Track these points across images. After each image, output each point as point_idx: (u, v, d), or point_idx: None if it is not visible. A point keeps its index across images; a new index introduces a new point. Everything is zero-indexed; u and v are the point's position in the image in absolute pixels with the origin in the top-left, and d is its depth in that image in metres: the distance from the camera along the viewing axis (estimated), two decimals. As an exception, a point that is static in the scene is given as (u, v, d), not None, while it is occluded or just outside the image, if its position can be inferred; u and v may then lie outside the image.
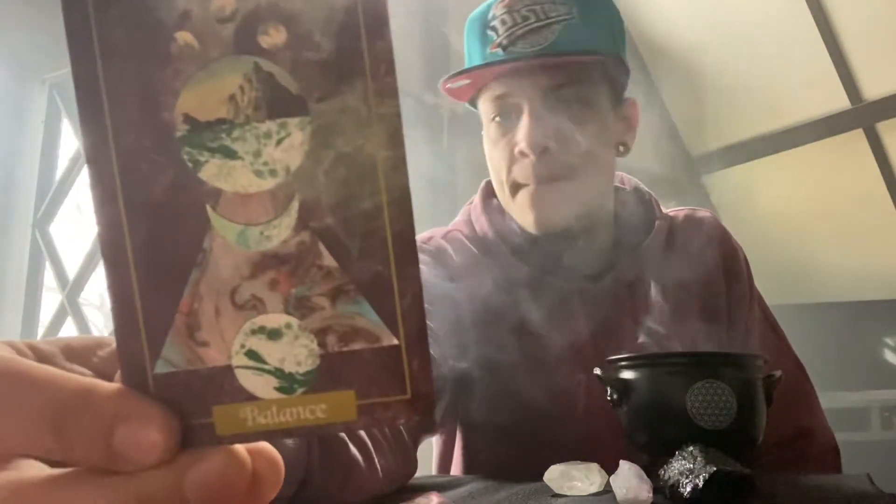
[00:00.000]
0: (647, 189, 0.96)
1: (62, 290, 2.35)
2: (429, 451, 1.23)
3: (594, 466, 0.57)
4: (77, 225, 2.65)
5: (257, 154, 0.18)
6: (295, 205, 0.18)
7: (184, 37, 0.18)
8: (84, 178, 2.43)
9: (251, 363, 0.18)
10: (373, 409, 0.19)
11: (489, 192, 0.94)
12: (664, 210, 0.95)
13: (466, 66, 0.87)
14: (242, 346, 0.18)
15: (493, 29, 0.81)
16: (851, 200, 4.63)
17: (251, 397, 0.18)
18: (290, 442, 0.44)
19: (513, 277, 0.85)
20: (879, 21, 4.12)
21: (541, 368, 0.81)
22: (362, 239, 0.18)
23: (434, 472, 0.97)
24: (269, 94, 0.18)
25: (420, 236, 0.91)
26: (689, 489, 0.49)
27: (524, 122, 0.79)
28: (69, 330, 2.36)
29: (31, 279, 2.34)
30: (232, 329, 0.18)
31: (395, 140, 0.20)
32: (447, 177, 3.51)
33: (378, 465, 0.56)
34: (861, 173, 4.55)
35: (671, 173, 5.07)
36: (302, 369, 0.18)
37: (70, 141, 2.45)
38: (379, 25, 0.18)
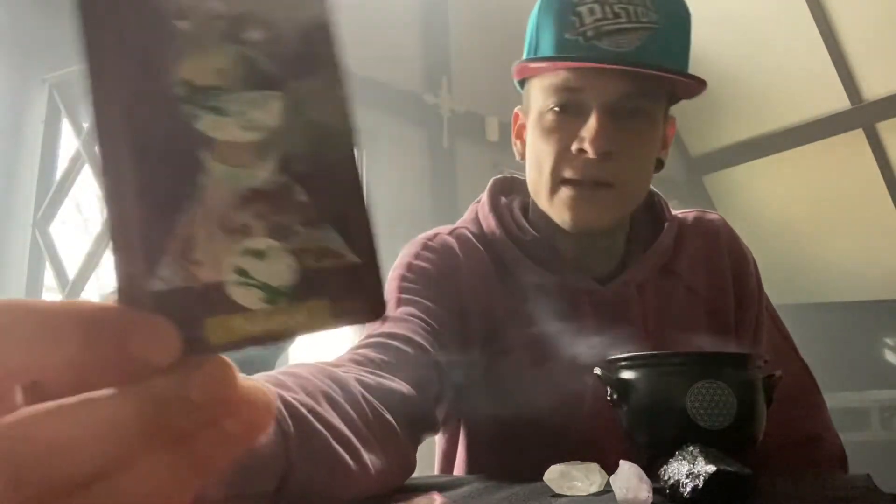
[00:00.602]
0: (656, 191, 0.96)
1: (62, 290, 2.35)
2: (430, 451, 1.23)
3: (594, 466, 0.57)
4: (77, 225, 2.65)
5: (243, 114, 0.22)
6: (275, 154, 0.23)
7: (182, 24, 0.22)
8: (84, 178, 2.43)
9: (241, 279, 0.22)
10: (341, 313, 0.23)
11: (498, 191, 0.93)
12: (673, 212, 0.95)
13: (529, 39, 0.84)
14: (233, 264, 0.22)
15: (578, 15, 0.77)
16: (851, 200, 4.64)
17: (241, 309, 0.22)
18: (264, 436, 0.42)
19: (521, 276, 0.84)
20: (879, 21, 4.13)
21: (547, 369, 0.80)
22: (327, 181, 0.23)
23: (436, 472, 0.97)
24: (252, 72, 0.22)
25: (425, 234, 0.90)
26: (689, 489, 0.49)
27: (593, 122, 0.77)
28: (69, 330, 2.36)
29: (31, 279, 2.34)
30: (223, 250, 0.22)
31: (346, 115, 0.24)
32: (447, 176, 3.51)
33: (369, 463, 0.55)
34: (861, 173, 4.55)
35: (671, 173, 5.08)
36: (283, 283, 0.22)
37: (70, 141, 2.45)
38: (330, 37, 0.24)
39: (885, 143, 4.49)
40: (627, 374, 0.62)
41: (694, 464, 0.50)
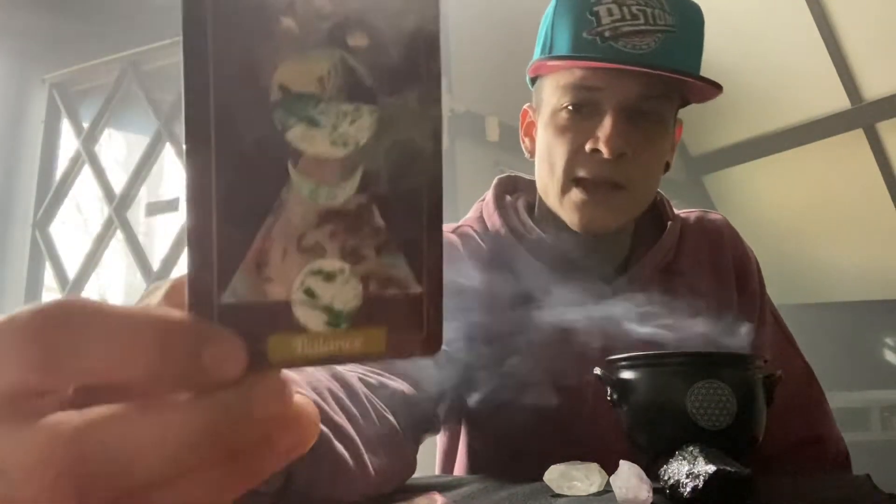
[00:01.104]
0: (661, 193, 0.96)
1: (62, 290, 2.35)
2: (431, 451, 1.23)
3: (594, 466, 0.57)
4: (77, 225, 2.65)
5: (335, 127, 0.22)
6: (359, 173, 0.22)
7: (287, 22, 0.21)
8: (84, 178, 2.43)
9: (308, 299, 0.22)
10: (397, 344, 0.23)
11: (502, 190, 0.93)
12: (676, 212, 0.95)
13: (543, 35, 0.85)
14: (302, 284, 0.22)
15: (596, 15, 0.77)
16: (851, 201, 4.63)
17: (303, 329, 0.22)
18: None
19: (524, 275, 0.84)
20: (879, 21, 4.12)
21: (549, 367, 0.80)
22: (405, 207, 0.23)
23: (437, 471, 0.97)
24: (349, 82, 0.22)
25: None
26: (689, 489, 0.49)
27: (608, 122, 0.77)
28: (69, 330, 2.36)
29: (31, 279, 2.33)
30: (295, 269, 0.21)
31: (437, 136, 0.23)
32: (447, 176, 3.51)
33: (369, 464, 0.55)
34: (861, 173, 4.55)
35: (671, 173, 5.06)
36: (347, 308, 0.22)
37: (70, 141, 2.45)
38: (435, 51, 0.23)
39: (885, 143, 4.48)
40: (627, 374, 0.62)
41: (694, 464, 0.50)
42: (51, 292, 2.42)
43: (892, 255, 4.56)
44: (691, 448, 0.53)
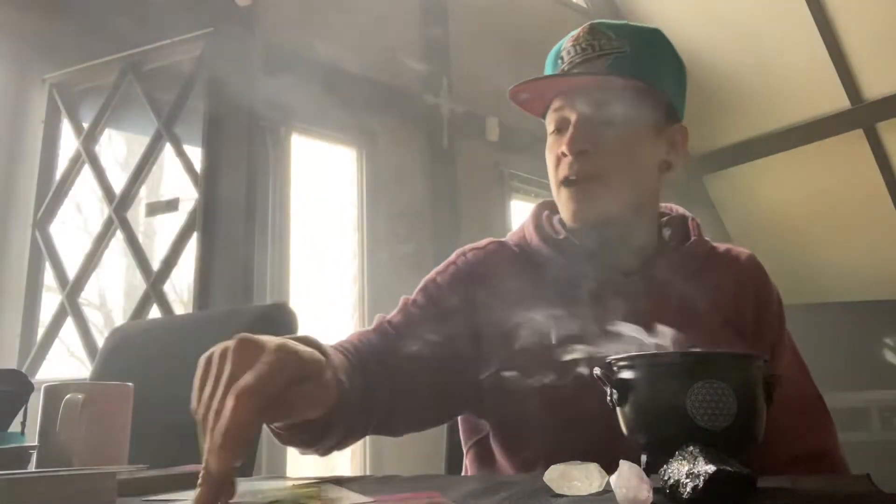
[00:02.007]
0: (690, 215, 1.04)
1: (62, 290, 2.35)
2: (437, 451, 1.23)
3: (594, 466, 0.57)
4: (77, 225, 2.65)
5: None
6: None
7: None
8: (84, 178, 2.43)
9: None
10: None
11: (541, 207, 1.05)
12: (709, 241, 1.02)
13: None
14: None
15: (561, 58, 0.96)
16: (851, 200, 4.64)
17: None
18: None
19: (550, 271, 0.95)
20: (879, 21, 4.12)
21: (565, 354, 0.87)
22: None
23: (443, 471, 0.98)
24: None
25: (478, 242, 1.02)
26: (689, 489, 0.49)
27: (570, 130, 0.93)
28: (69, 330, 2.36)
29: (31, 279, 2.34)
30: None
31: None
32: (447, 176, 3.51)
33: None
34: (861, 173, 4.55)
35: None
36: None
37: (70, 141, 2.45)
38: None
39: (885, 143, 4.49)
40: (627, 374, 0.62)
41: (694, 464, 0.50)
42: (51, 292, 2.42)
43: (892, 255, 4.57)
44: (691, 448, 0.53)
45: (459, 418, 1.00)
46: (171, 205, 2.38)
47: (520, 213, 3.72)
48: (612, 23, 0.97)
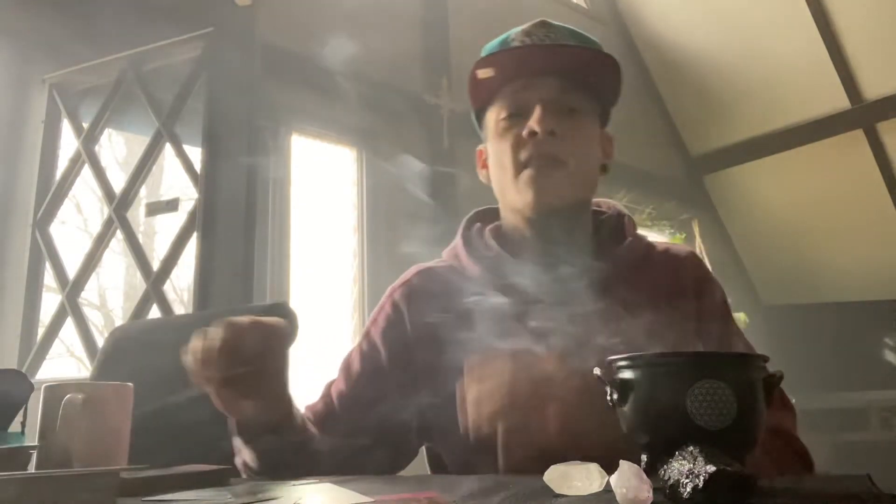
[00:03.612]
0: (626, 213, 1.03)
1: (62, 290, 2.35)
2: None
3: (594, 466, 0.57)
4: (77, 225, 2.65)
5: None
6: None
7: None
8: (84, 178, 2.43)
9: None
10: None
11: (471, 221, 1.04)
12: (645, 238, 1.00)
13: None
14: None
15: (511, 43, 0.96)
16: (851, 200, 4.64)
17: None
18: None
19: (481, 289, 0.93)
20: (879, 21, 4.13)
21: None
22: None
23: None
24: None
25: (405, 275, 1.01)
26: (689, 489, 0.49)
27: (537, 110, 0.91)
28: (69, 330, 2.36)
29: (31, 279, 2.33)
30: None
31: None
32: (447, 176, 3.51)
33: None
34: (861, 173, 4.55)
35: (671, 173, 5.08)
36: None
37: (70, 141, 2.45)
38: None
39: (885, 143, 4.49)
40: (627, 374, 0.62)
41: (694, 464, 0.50)
42: (51, 292, 2.42)
43: (892, 255, 4.57)
44: (691, 448, 0.53)
45: None
46: (171, 205, 2.38)
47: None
48: (564, 25, 0.99)
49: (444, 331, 0.90)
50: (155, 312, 2.25)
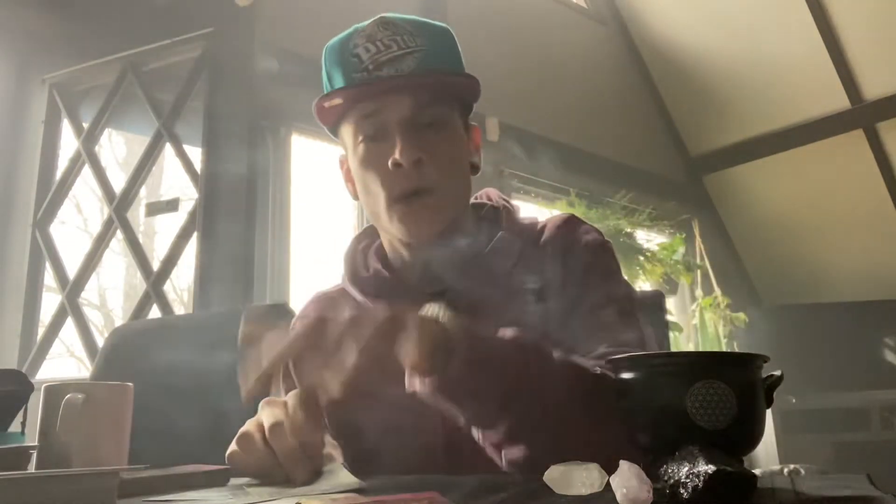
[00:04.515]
0: (504, 202, 0.99)
1: (62, 290, 2.35)
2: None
3: (594, 466, 0.57)
4: (77, 225, 2.65)
5: None
6: None
7: None
8: (84, 178, 2.43)
9: None
10: None
11: (358, 239, 1.00)
12: (525, 221, 0.97)
13: (325, 84, 0.94)
14: None
15: (357, 56, 0.89)
16: (851, 200, 4.64)
17: None
18: None
19: (362, 311, 0.88)
20: (879, 21, 4.13)
21: (381, 391, 0.77)
22: None
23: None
24: None
25: (308, 300, 1.00)
26: (689, 489, 0.49)
27: (398, 138, 0.85)
28: (69, 330, 2.36)
29: (31, 279, 2.34)
30: None
31: None
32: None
33: None
34: (861, 173, 4.55)
35: (671, 173, 5.08)
36: None
37: (70, 141, 2.45)
38: None
39: (885, 143, 4.49)
40: (627, 375, 0.62)
41: (694, 464, 0.50)
42: (51, 292, 2.42)
43: (892, 255, 4.57)
44: (691, 448, 0.53)
45: None
46: (171, 205, 2.38)
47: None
48: (404, 17, 0.92)
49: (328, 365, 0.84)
50: (155, 312, 2.25)
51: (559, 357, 0.72)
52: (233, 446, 0.72)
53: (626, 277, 0.97)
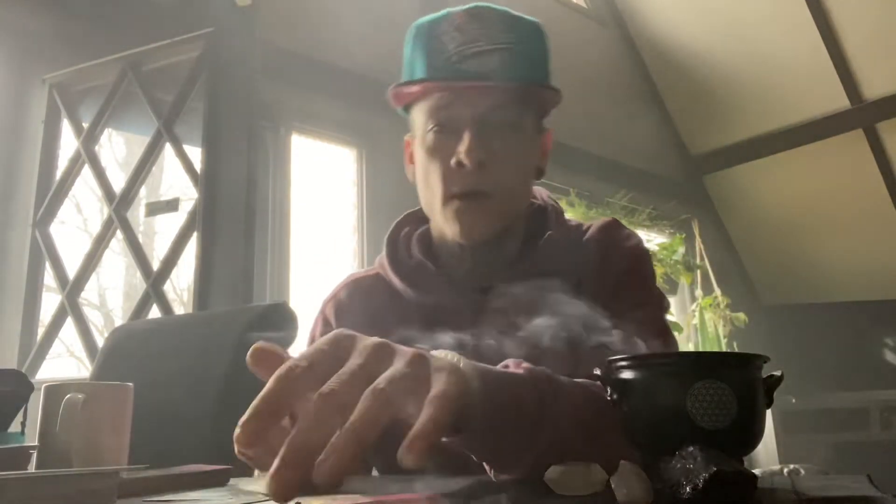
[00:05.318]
0: (553, 203, 0.99)
1: (62, 290, 2.35)
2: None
3: (594, 466, 0.57)
4: (77, 225, 2.65)
5: None
6: None
7: None
8: (84, 178, 2.43)
9: None
10: None
11: (401, 225, 1.00)
12: (572, 223, 0.97)
13: (406, 69, 0.93)
14: None
15: (442, 42, 0.87)
16: (851, 200, 4.64)
17: None
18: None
19: (405, 302, 0.90)
20: (879, 21, 4.13)
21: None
22: None
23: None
24: None
25: (335, 287, 0.99)
26: (688, 489, 0.49)
27: (466, 136, 0.84)
28: (69, 330, 2.36)
29: (31, 279, 2.34)
30: None
31: None
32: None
33: None
34: (861, 173, 4.56)
35: (671, 173, 5.08)
36: None
37: (70, 141, 2.45)
38: None
39: (885, 143, 4.49)
40: (627, 375, 0.62)
41: (694, 464, 0.50)
42: (51, 292, 2.42)
43: (892, 255, 4.57)
44: (691, 448, 0.53)
45: None
46: (171, 205, 2.38)
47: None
48: (496, 8, 0.89)
49: None
50: (155, 312, 2.25)
51: (568, 382, 0.70)
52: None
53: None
